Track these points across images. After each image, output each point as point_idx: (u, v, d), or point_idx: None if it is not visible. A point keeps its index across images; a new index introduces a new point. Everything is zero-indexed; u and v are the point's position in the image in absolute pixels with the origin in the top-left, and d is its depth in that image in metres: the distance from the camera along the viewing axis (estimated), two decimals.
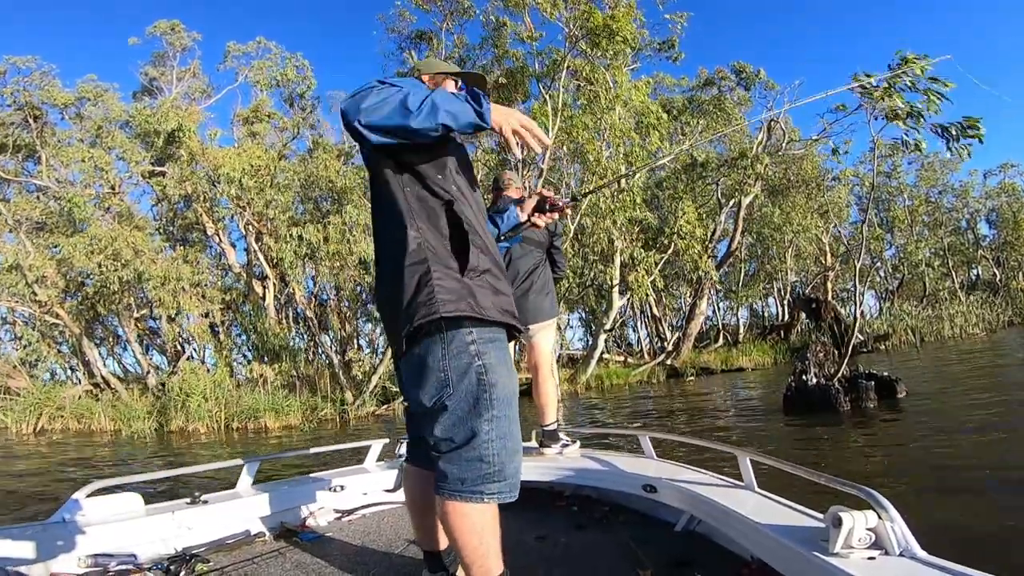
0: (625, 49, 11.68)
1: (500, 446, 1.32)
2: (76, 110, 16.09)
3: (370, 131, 1.30)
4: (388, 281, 1.40)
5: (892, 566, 1.20)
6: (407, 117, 1.26)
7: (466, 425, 1.30)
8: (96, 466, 8.42)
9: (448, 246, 1.37)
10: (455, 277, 1.35)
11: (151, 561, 1.89)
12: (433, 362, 1.31)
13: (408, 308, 1.32)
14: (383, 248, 1.46)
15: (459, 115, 1.30)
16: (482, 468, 1.30)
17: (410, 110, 1.26)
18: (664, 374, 17.16)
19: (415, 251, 1.35)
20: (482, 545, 1.31)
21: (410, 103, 1.26)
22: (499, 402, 1.32)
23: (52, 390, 13.82)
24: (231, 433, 11.66)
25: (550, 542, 2.01)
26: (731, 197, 18.32)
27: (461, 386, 1.30)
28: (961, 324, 21.45)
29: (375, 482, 2.60)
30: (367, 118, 1.28)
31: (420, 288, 1.32)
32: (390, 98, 1.28)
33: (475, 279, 1.37)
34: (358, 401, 12.91)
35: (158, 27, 17.04)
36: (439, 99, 1.29)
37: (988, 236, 31.93)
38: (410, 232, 1.36)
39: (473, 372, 1.31)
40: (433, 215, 1.39)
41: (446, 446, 1.32)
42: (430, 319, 1.30)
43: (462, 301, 1.32)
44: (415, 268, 1.34)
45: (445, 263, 1.35)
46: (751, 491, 1.82)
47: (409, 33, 14.18)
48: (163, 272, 12.50)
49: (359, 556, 1.97)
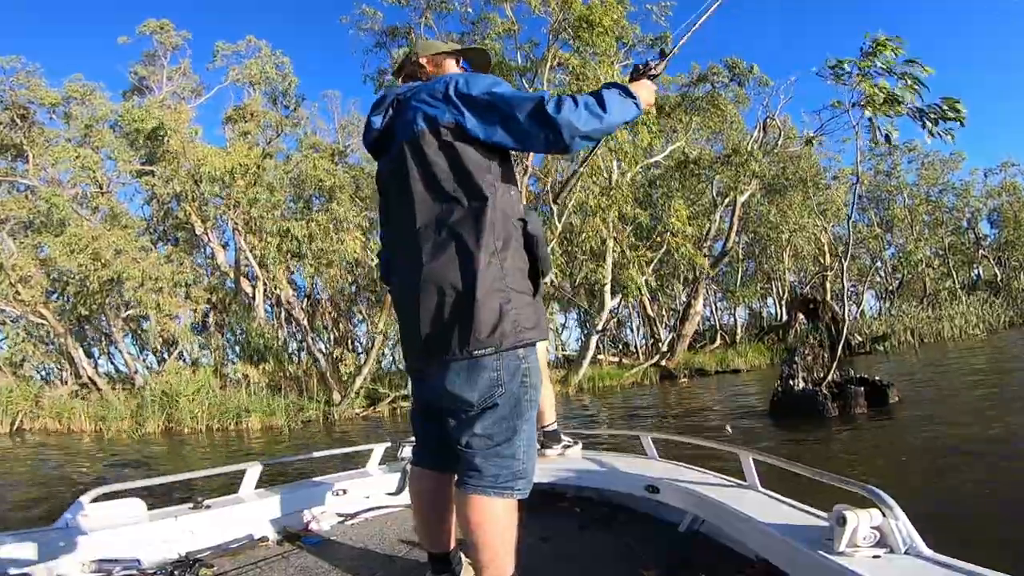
0: (609, 41, 11.48)
1: (529, 445, 1.39)
2: (64, 109, 16.01)
3: (582, 140, 1.30)
4: (451, 297, 1.33)
5: (898, 564, 1.20)
6: (601, 120, 1.29)
7: (508, 424, 1.35)
8: (60, 470, 8.26)
9: (526, 267, 1.38)
10: (527, 302, 1.36)
11: (155, 566, 1.88)
12: (488, 362, 1.32)
13: (492, 334, 1.30)
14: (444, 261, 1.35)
15: (630, 110, 1.36)
16: (515, 466, 1.36)
17: (601, 114, 1.28)
18: (657, 375, 16.93)
19: (499, 273, 1.32)
20: (503, 544, 1.34)
21: (598, 107, 1.29)
22: (535, 404, 1.39)
23: (30, 389, 13.66)
24: (213, 434, 11.51)
25: (553, 543, 2.01)
26: (727, 195, 18.12)
27: (511, 386, 1.34)
28: (961, 325, 21.17)
29: (377, 485, 2.58)
30: (583, 127, 1.27)
31: (504, 315, 1.31)
32: (582, 105, 1.28)
33: (537, 299, 1.40)
34: (344, 402, 12.74)
35: (147, 26, 16.95)
36: (616, 97, 1.33)
37: (989, 236, 31.59)
38: (494, 253, 1.33)
39: (520, 373, 1.35)
40: (515, 232, 1.37)
41: (484, 443, 1.35)
42: (514, 347, 1.33)
43: (536, 328, 1.37)
44: (497, 294, 1.31)
45: (522, 288, 1.36)
46: (755, 491, 1.80)
47: (383, 28, 14.03)
48: (141, 272, 12.34)
49: (362, 559, 1.98)
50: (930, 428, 5.99)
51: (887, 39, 5.14)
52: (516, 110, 1.31)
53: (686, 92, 16.99)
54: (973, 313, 22.06)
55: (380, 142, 1.52)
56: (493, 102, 1.34)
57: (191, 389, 12.13)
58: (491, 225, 1.33)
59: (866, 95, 5.19)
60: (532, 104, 1.29)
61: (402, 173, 1.41)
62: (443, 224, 1.36)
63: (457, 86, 1.37)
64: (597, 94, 1.31)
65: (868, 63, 5.24)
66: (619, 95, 1.34)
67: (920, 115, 5.15)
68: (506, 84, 1.41)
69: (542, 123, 1.28)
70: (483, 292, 1.30)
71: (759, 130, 17.97)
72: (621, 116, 1.33)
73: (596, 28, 10.83)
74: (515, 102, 1.32)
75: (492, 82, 1.38)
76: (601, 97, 1.30)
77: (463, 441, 1.37)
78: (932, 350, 17.68)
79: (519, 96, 1.34)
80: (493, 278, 1.32)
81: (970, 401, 7.30)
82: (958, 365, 12.46)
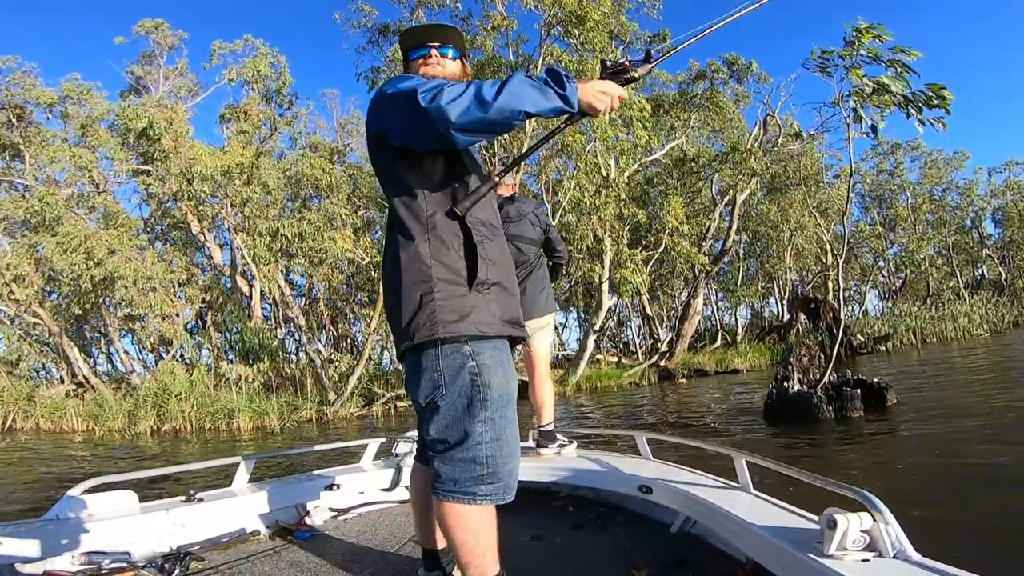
0: (602, 35, 11.33)
1: (494, 448, 1.32)
2: (61, 109, 16.00)
3: (458, 132, 1.19)
4: (391, 292, 1.40)
5: (886, 568, 1.21)
6: (485, 109, 1.16)
7: (459, 426, 1.31)
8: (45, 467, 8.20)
9: (459, 260, 1.35)
10: (460, 294, 1.33)
11: (145, 559, 1.89)
12: (427, 362, 1.31)
13: (409, 325, 1.32)
14: (390, 257, 1.42)
15: (539, 101, 1.21)
16: (475, 469, 1.31)
17: (487, 101, 1.16)
18: (656, 376, 16.78)
19: (422, 266, 1.33)
20: (478, 546, 1.31)
21: (485, 94, 1.17)
22: (493, 403, 1.32)
23: (23, 388, 13.62)
24: (204, 433, 11.44)
25: (546, 542, 2.02)
26: (726, 194, 17.95)
27: (454, 386, 1.30)
28: (965, 325, 20.93)
29: (371, 481, 2.59)
30: (456, 118, 1.17)
31: (423, 306, 1.30)
32: (465, 93, 1.17)
33: (483, 292, 1.36)
34: (338, 402, 12.65)
35: (143, 26, 16.90)
36: (515, 84, 1.19)
37: (994, 235, 31.30)
38: (420, 244, 1.33)
39: (467, 372, 1.30)
40: (448, 226, 1.36)
41: (440, 446, 1.33)
42: (430, 339, 1.30)
43: (463, 321, 1.31)
44: (419, 285, 1.32)
45: (451, 279, 1.33)
46: (747, 492, 1.82)
47: (375, 26, 13.94)
48: (133, 271, 12.28)
49: (355, 555, 1.98)
50: (926, 432, 5.83)
51: (868, 26, 4.99)
52: (400, 105, 1.26)
53: (684, 89, 16.85)
54: (977, 313, 21.80)
55: None
56: (390, 102, 1.31)
57: (182, 388, 12.07)
58: (416, 218, 1.34)
59: (854, 85, 5.06)
60: (408, 95, 1.22)
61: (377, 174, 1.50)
62: (391, 223, 1.42)
63: (380, 91, 1.38)
64: (499, 81, 1.20)
65: (851, 52, 5.10)
66: (530, 84, 1.21)
67: (906, 103, 5.01)
68: (413, 79, 1.33)
69: (414, 113, 1.20)
70: (406, 285, 1.32)
71: (759, 128, 17.82)
72: (516, 104, 1.17)
73: (587, 22, 10.70)
74: (401, 96, 1.25)
75: (398, 80, 1.34)
76: (502, 84, 1.18)
77: (428, 442, 1.37)
78: (935, 350, 17.47)
79: (405, 88, 1.26)
80: (414, 270, 1.32)
81: (970, 404, 7.13)
82: (961, 366, 12.27)
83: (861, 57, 5.08)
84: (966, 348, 16.62)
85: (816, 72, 5.42)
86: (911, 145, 26.97)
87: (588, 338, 15.89)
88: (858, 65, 5.09)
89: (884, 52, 5.01)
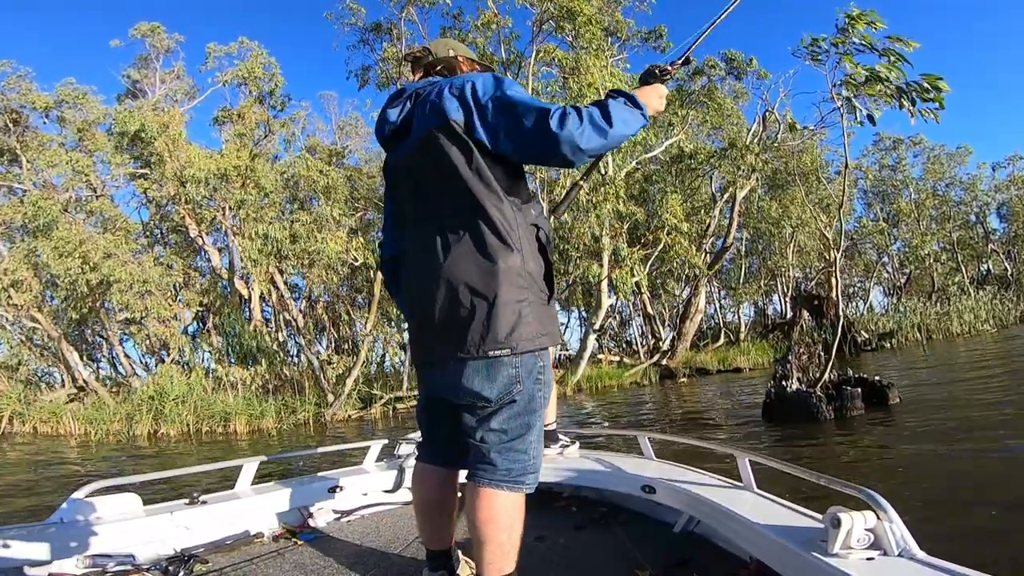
0: (595, 31, 11.23)
1: (538, 441, 1.42)
2: (58, 113, 16.01)
3: (584, 157, 1.29)
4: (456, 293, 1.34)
5: (891, 566, 1.20)
6: (604, 136, 1.27)
7: (523, 420, 1.37)
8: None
9: (539, 269, 1.39)
10: (544, 306, 1.38)
11: (149, 562, 1.89)
12: (507, 360, 1.33)
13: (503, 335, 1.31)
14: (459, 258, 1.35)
15: (635, 123, 1.33)
16: (525, 461, 1.38)
17: (604, 129, 1.26)
18: (657, 375, 16.64)
19: (518, 277, 1.33)
20: (509, 540, 1.35)
21: (599, 122, 1.26)
22: (547, 402, 1.41)
23: (18, 392, 13.60)
24: (200, 436, 11.39)
25: (549, 543, 2.01)
26: (726, 191, 17.81)
27: (528, 383, 1.36)
28: (970, 320, 20.72)
29: (374, 483, 2.59)
30: (585, 145, 1.25)
31: (520, 320, 1.32)
32: (585, 121, 1.26)
33: (552, 304, 1.42)
34: (335, 404, 12.58)
35: (139, 29, 16.93)
36: (618, 111, 1.29)
37: (999, 230, 31.02)
38: (514, 255, 1.33)
39: (536, 371, 1.37)
40: (530, 236, 1.38)
41: (499, 438, 1.37)
42: (528, 350, 1.33)
43: (549, 335, 1.38)
44: (516, 296, 1.32)
45: (540, 290, 1.38)
46: (750, 492, 1.81)
47: (366, 24, 13.90)
48: (129, 275, 12.25)
49: (358, 556, 1.98)
50: (929, 431, 5.69)
51: (861, 13, 4.86)
52: (519, 121, 1.29)
53: (682, 86, 16.73)
54: (983, 308, 21.59)
55: (396, 135, 1.52)
56: (501, 110, 1.32)
57: (180, 392, 12.02)
58: (509, 226, 1.34)
59: (847, 74, 4.93)
60: (535, 116, 1.27)
61: (418, 167, 1.42)
62: (460, 221, 1.36)
63: (474, 87, 1.37)
64: (603, 106, 1.29)
65: (843, 39, 4.98)
66: (625, 106, 1.31)
67: (899, 94, 4.88)
68: (519, 89, 1.38)
69: (543, 137, 1.26)
70: (503, 294, 1.31)
71: (758, 124, 17.67)
72: (627, 129, 1.30)
73: (579, 18, 10.61)
74: (521, 112, 1.29)
75: (506, 87, 1.36)
76: (607, 110, 1.28)
77: (478, 436, 1.39)
78: (940, 346, 17.29)
79: (526, 105, 1.30)
80: (512, 281, 1.32)
81: (974, 402, 6.97)
82: (966, 362, 12.10)
83: (854, 45, 4.96)
84: (972, 344, 16.42)
85: (807, 60, 5.33)
86: (913, 140, 26.76)
87: (588, 337, 15.78)
88: (851, 53, 4.97)
89: (879, 40, 4.90)
